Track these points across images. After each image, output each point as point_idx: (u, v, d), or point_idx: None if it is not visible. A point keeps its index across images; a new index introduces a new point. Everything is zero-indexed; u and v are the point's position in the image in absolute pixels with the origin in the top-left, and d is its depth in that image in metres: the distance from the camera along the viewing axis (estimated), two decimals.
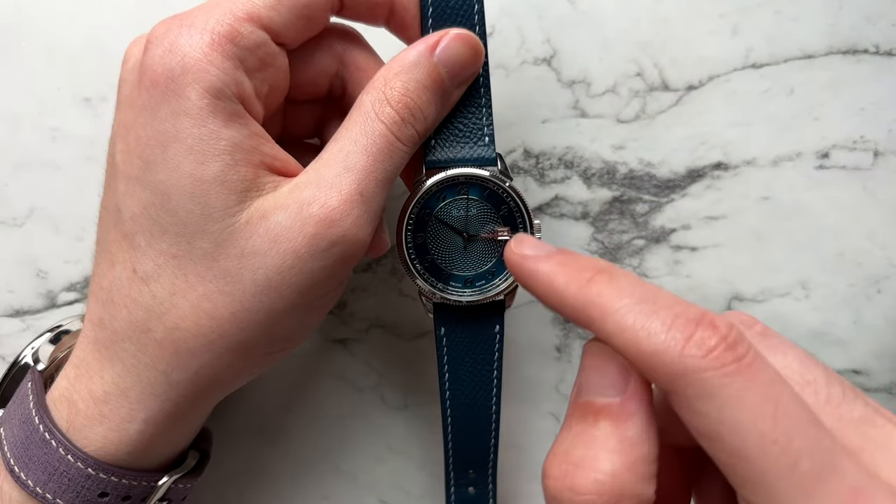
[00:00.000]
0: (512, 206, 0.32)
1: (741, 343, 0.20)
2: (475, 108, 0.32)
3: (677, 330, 0.21)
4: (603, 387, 0.22)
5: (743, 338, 0.21)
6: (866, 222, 0.40)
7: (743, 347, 0.20)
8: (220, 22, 0.26)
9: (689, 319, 0.21)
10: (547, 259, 0.24)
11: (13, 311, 0.40)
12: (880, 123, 0.39)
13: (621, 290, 0.22)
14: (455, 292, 0.32)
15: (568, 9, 0.39)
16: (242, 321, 0.27)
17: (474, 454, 0.35)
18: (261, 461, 0.41)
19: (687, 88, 0.39)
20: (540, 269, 0.24)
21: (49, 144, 0.39)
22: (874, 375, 0.40)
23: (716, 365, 0.20)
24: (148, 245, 0.27)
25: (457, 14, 0.31)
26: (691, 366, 0.20)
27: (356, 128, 0.28)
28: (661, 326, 0.21)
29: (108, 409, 0.28)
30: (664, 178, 0.40)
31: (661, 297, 0.22)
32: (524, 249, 0.25)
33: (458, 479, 0.36)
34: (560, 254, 0.25)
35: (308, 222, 0.27)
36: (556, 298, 0.23)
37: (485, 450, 0.35)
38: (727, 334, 0.20)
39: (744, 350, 0.20)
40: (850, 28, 0.39)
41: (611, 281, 0.22)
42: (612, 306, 0.22)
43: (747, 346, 0.20)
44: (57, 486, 0.27)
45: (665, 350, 0.20)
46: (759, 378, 0.20)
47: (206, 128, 0.26)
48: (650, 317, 0.21)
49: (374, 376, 0.41)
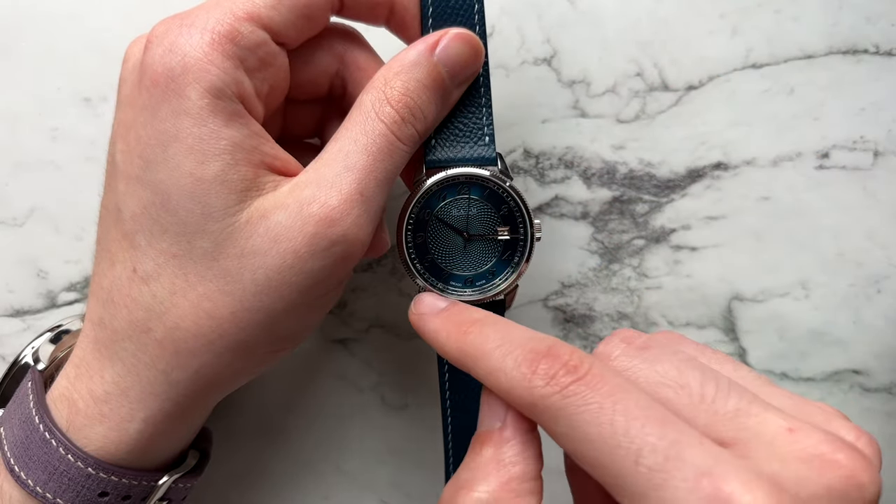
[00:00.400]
0: (512, 205, 0.32)
1: (581, 365, 0.22)
2: (475, 107, 0.32)
3: (524, 365, 0.23)
4: (490, 418, 0.25)
5: (583, 360, 0.23)
6: (866, 222, 0.40)
7: (583, 368, 0.22)
8: (220, 21, 0.26)
9: (537, 353, 0.23)
10: (435, 316, 0.28)
11: (13, 311, 0.40)
12: (880, 123, 0.39)
13: (487, 337, 0.25)
14: (455, 292, 0.32)
15: (568, 9, 0.39)
16: (242, 321, 0.27)
17: None
18: (261, 461, 0.41)
19: (687, 88, 0.39)
20: (429, 326, 0.28)
21: (49, 144, 0.39)
22: (874, 375, 0.40)
23: (557, 388, 0.22)
24: (148, 244, 0.27)
25: (457, 14, 0.31)
26: (538, 395, 0.22)
27: (356, 127, 0.28)
28: (513, 363, 0.24)
29: (109, 408, 0.28)
30: (664, 178, 0.40)
31: (516, 336, 0.25)
32: (419, 308, 0.29)
33: None
34: (447, 310, 0.28)
35: (308, 222, 0.27)
36: (443, 351, 0.27)
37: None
38: (568, 360, 0.23)
39: (584, 370, 0.22)
40: (850, 28, 0.39)
41: (481, 330, 0.26)
42: (480, 352, 0.25)
43: (587, 366, 0.22)
44: (57, 486, 0.27)
45: (518, 385, 0.23)
46: (599, 391, 0.22)
47: (206, 127, 0.26)
48: (505, 357, 0.24)
49: (374, 376, 0.41)
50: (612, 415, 0.21)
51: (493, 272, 0.32)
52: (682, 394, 0.23)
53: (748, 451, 0.21)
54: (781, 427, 0.21)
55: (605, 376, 0.22)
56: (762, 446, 0.21)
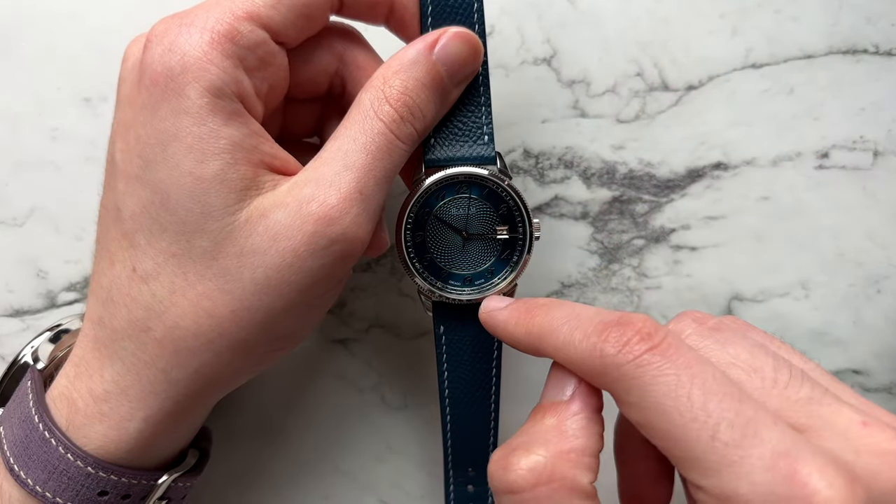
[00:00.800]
0: (511, 205, 0.32)
1: (655, 333, 0.22)
2: (474, 106, 0.32)
3: (594, 336, 0.23)
4: (555, 391, 0.26)
5: (658, 328, 0.23)
6: (866, 222, 0.40)
7: (657, 336, 0.22)
8: (219, 21, 0.26)
9: (605, 323, 0.23)
10: (504, 308, 0.29)
11: (13, 311, 0.40)
12: (880, 123, 0.39)
13: (554, 316, 0.26)
14: (454, 291, 0.32)
15: (568, 9, 0.39)
16: (242, 319, 0.27)
17: (473, 452, 0.35)
18: (261, 461, 0.41)
19: (687, 88, 0.39)
20: (498, 318, 0.28)
21: (49, 144, 0.39)
22: (874, 375, 0.40)
23: (630, 357, 0.22)
24: (147, 244, 0.27)
25: (456, 13, 0.31)
26: (610, 363, 0.22)
27: (355, 126, 0.28)
28: (581, 335, 0.24)
29: (108, 407, 0.28)
30: (664, 178, 0.40)
31: (584, 312, 0.25)
32: (488, 307, 0.30)
33: (458, 478, 0.36)
34: (515, 301, 0.29)
35: (307, 220, 0.27)
36: (513, 338, 0.27)
37: (484, 448, 0.35)
38: (641, 327, 0.23)
39: (658, 338, 0.22)
40: (850, 28, 0.39)
41: (547, 311, 0.26)
42: (547, 330, 0.25)
43: (662, 335, 0.22)
44: (56, 485, 0.27)
45: (588, 355, 0.23)
46: (675, 362, 0.21)
47: (205, 126, 0.26)
48: (574, 331, 0.24)
49: (374, 376, 0.41)
50: (689, 387, 0.21)
51: (492, 271, 0.32)
52: (754, 377, 0.23)
53: (821, 439, 0.21)
54: (855, 420, 0.21)
55: (681, 348, 0.22)
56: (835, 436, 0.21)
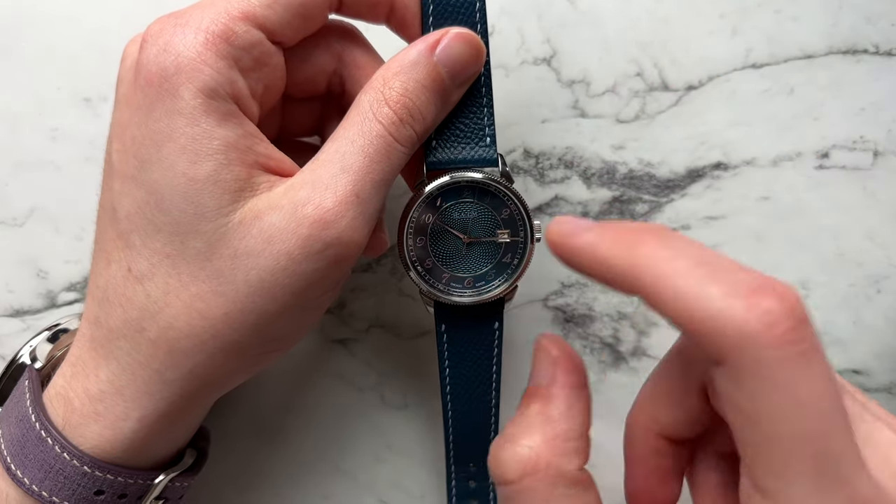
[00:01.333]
0: (513, 209, 0.32)
1: (805, 323, 0.19)
2: (476, 108, 0.31)
3: (738, 297, 0.19)
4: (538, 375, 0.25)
5: (807, 316, 0.19)
6: (866, 222, 0.39)
7: (806, 329, 0.19)
8: (214, 21, 0.26)
9: (752, 288, 0.19)
10: (589, 229, 0.23)
11: (13, 311, 0.40)
12: (880, 123, 0.39)
13: (675, 251, 0.21)
14: (455, 293, 0.32)
15: (568, 9, 0.39)
16: (235, 321, 0.27)
17: (475, 448, 0.35)
18: (260, 461, 0.41)
19: (687, 88, 0.39)
20: (582, 240, 0.23)
21: (49, 144, 0.39)
22: (874, 375, 0.40)
23: (777, 344, 0.18)
24: (142, 244, 0.27)
25: (458, 12, 0.31)
26: (751, 340, 0.19)
27: (354, 128, 0.28)
28: (720, 293, 0.19)
29: (103, 407, 0.28)
30: (664, 178, 0.40)
31: (720, 261, 0.20)
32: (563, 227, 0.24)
33: (459, 473, 0.36)
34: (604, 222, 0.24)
35: (302, 223, 0.26)
36: (600, 268, 0.22)
37: (485, 444, 0.35)
38: (794, 307, 0.19)
39: (807, 333, 0.19)
40: (850, 28, 0.39)
41: (663, 242, 0.21)
42: (664, 270, 0.20)
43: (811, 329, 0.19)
44: (53, 484, 0.27)
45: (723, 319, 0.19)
46: (815, 370, 0.19)
47: (199, 127, 0.26)
48: (707, 282, 0.19)
49: (374, 376, 0.41)
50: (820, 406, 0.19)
51: (493, 274, 0.32)
52: None
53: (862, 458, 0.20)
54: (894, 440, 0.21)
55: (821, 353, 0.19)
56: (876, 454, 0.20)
